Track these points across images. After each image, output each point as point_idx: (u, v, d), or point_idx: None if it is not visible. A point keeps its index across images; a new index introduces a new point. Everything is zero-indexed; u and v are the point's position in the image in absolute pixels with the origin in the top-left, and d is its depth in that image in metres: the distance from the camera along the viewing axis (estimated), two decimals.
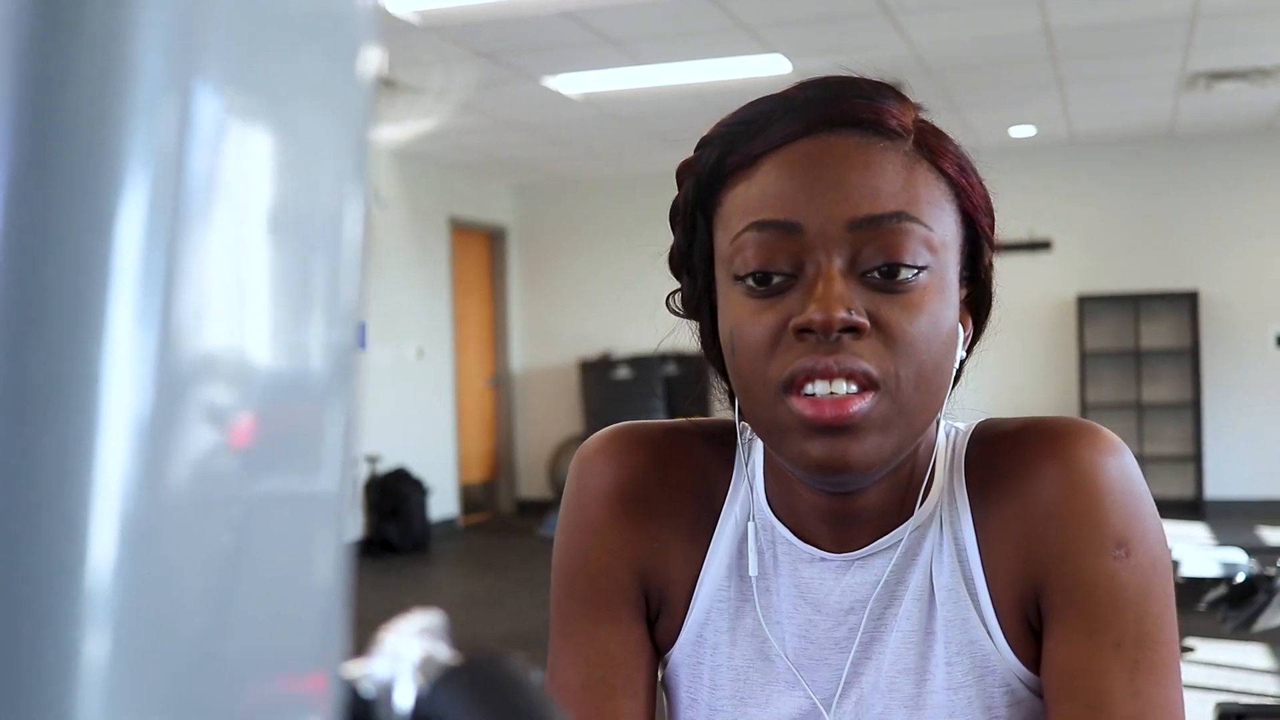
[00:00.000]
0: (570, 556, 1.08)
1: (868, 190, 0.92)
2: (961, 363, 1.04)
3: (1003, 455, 1.01)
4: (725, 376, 1.04)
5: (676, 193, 1.03)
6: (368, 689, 0.44)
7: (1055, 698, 0.95)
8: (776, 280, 0.93)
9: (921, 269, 0.92)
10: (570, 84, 8.22)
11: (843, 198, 0.92)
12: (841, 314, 0.89)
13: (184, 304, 0.31)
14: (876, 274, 0.92)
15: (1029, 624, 0.99)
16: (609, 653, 1.05)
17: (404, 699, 0.44)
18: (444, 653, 0.45)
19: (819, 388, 0.91)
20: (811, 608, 1.03)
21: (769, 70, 8.02)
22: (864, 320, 0.90)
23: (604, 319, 11.84)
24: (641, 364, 11.23)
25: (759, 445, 1.08)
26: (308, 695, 0.35)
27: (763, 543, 1.06)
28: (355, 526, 9.88)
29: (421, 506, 9.99)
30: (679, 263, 1.05)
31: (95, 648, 0.29)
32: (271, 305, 0.34)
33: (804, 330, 0.90)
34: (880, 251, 0.91)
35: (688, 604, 1.07)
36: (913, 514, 1.02)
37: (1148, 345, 10.95)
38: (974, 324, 1.05)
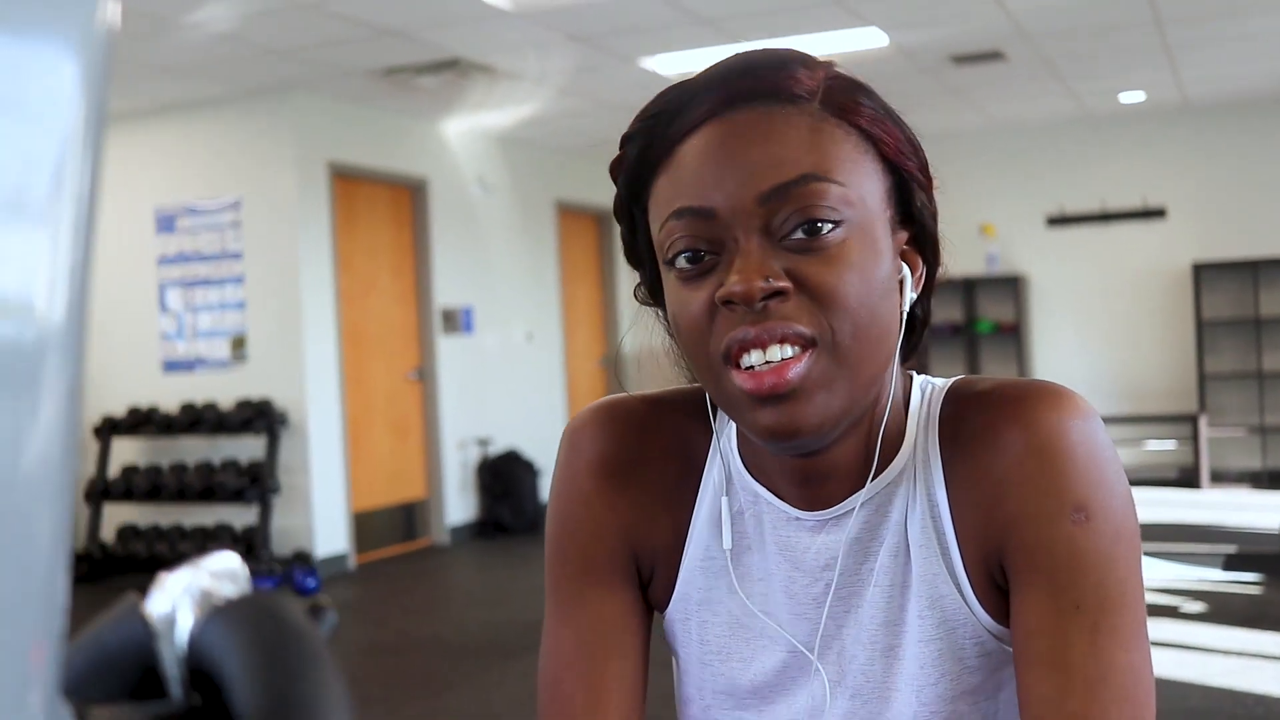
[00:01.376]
0: (561, 527, 1.13)
1: (772, 161, 0.94)
2: (916, 305, 1.05)
3: (972, 415, 1.02)
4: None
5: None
6: (151, 623, 0.48)
7: (1020, 658, 0.97)
8: (705, 259, 0.96)
9: (837, 224, 0.94)
10: (666, 64, 8.24)
11: (749, 175, 0.94)
12: (759, 282, 0.92)
13: None
14: (795, 237, 0.94)
15: (995, 581, 1.01)
16: (601, 617, 1.09)
17: (182, 633, 0.47)
18: (227, 591, 0.48)
19: (754, 358, 0.93)
20: (791, 565, 1.06)
21: (865, 44, 7.97)
22: (785, 283, 0.93)
23: None
24: None
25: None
26: (29, 667, 0.37)
27: (744, 503, 1.09)
28: (469, 508, 10.06)
29: (533, 488, 10.11)
30: (629, 254, 1.10)
31: None
32: None
33: (728, 303, 0.93)
34: (793, 215, 0.94)
35: (676, 566, 1.12)
36: (885, 468, 1.04)
37: (1267, 313, 10.68)
38: (927, 263, 1.05)
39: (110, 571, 8.69)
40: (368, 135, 9.23)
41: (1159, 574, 7.16)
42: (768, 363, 0.93)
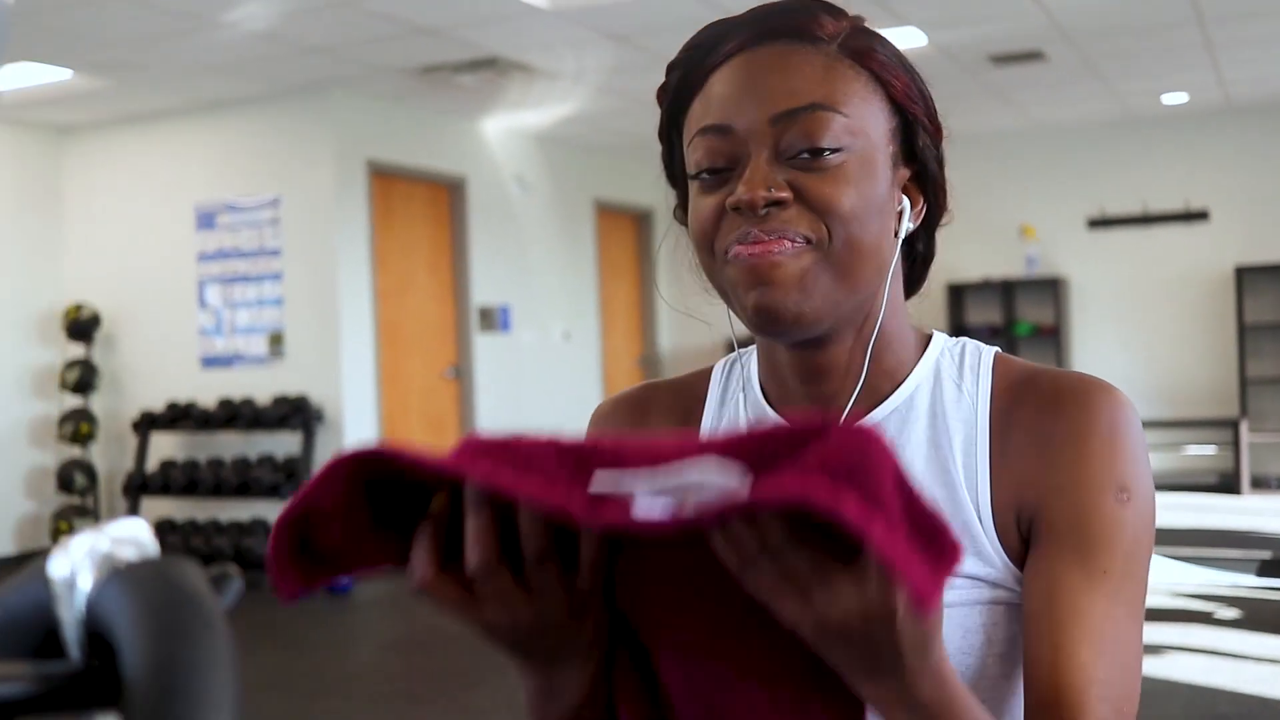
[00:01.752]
0: None
1: (786, 90, 1.05)
2: (920, 243, 1.18)
3: (1034, 390, 1.10)
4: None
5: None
6: (52, 584, 0.48)
7: (1034, 610, 1.02)
8: (722, 172, 1.07)
9: (838, 150, 1.05)
10: None
11: (764, 99, 1.06)
12: (763, 191, 1.03)
13: None
14: (801, 157, 1.05)
15: (1017, 532, 1.07)
16: None
17: (80, 596, 0.47)
18: (128, 555, 0.49)
19: (752, 250, 1.05)
20: None
21: (904, 43, 7.94)
22: (786, 194, 1.04)
23: None
24: None
25: (753, 357, 1.22)
26: None
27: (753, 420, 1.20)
28: None
29: None
30: (669, 175, 1.21)
31: None
32: None
33: (735, 208, 1.05)
34: (800, 138, 1.04)
35: None
36: (891, 394, 1.14)
37: None
38: (928, 201, 1.15)
39: None
40: (406, 133, 9.28)
41: (1192, 579, 7.10)
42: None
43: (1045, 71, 8.93)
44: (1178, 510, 9.80)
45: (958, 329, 11.40)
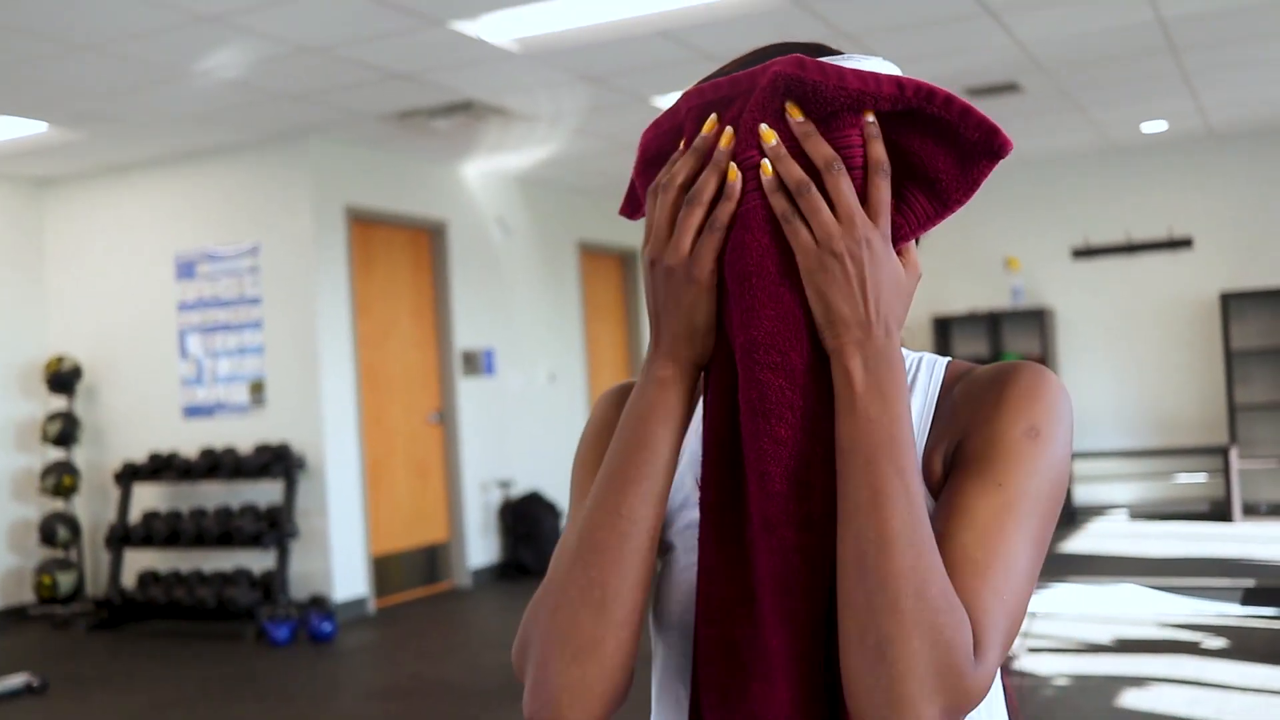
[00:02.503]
0: (582, 443, 1.31)
1: None
2: None
3: (972, 373, 1.18)
4: None
5: None
6: None
7: (938, 514, 1.07)
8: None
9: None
10: None
11: None
12: None
13: None
14: None
15: (939, 472, 1.13)
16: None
17: None
18: None
19: None
20: None
21: None
22: None
23: None
24: None
25: None
26: None
27: None
28: (491, 550, 10.03)
29: (555, 530, 10.06)
30: None
31: None
32: None
33: None
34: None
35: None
36: None
37: None
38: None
39: (129, 618, 8.70)
40: (385, 179, 9.27)
41: (1178, 609, 7.04)
42: None
43: (1022, 103, 8.93)
44: (1169, 539, 9.75)
45: None
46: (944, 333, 11.54)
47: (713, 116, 1.09)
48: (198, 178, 9.07)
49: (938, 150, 1.04)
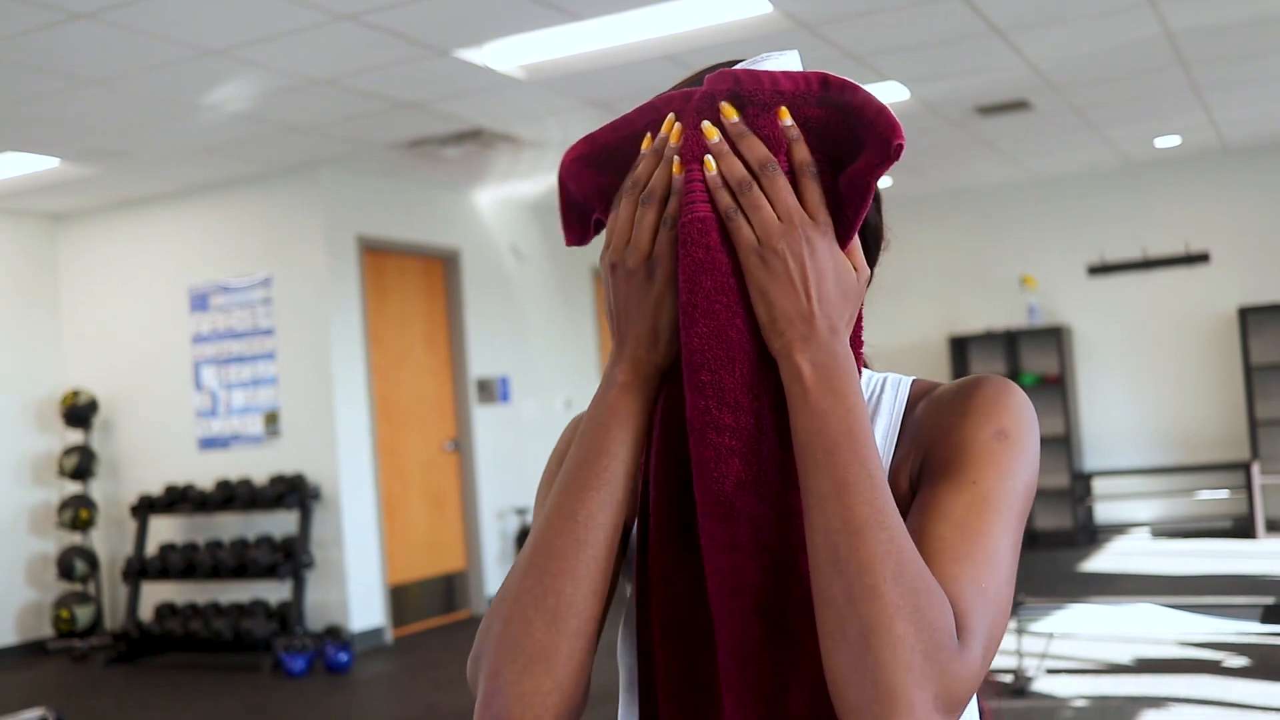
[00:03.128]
0: (549, 463, 1.29)
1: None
2: None
3: (937, 390, 1.19)
4: None
5: None
6: None
7: (913, 514, 1.06)
8: None
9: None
10: None
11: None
12: None
13: None
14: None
15: (909, 482, 1.13)
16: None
17: None
18: None
19: None
20: None
21: (887, 98, 7.93)
22: None
23: None
24: None
25: None
26: None
27: None
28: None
29: None
30: None
31: None
32: None
33: None
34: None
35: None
36: None
37: None
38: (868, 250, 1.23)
39: (147, 651, 8.69)
40: (396, 208, 9.29)
41: (1198, 628, 6.97)
42: None
43: (1033, 120, 8.90)
44: (1191, 557, 9.66)
45: None
46: (960, 352, 11.48)
47: (670, 116, 1.09)
48: (210, 210, 9.10)
49: (851, 142, 1.04)
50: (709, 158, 1.05)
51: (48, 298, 9.74)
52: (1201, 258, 10.86)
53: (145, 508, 8.97)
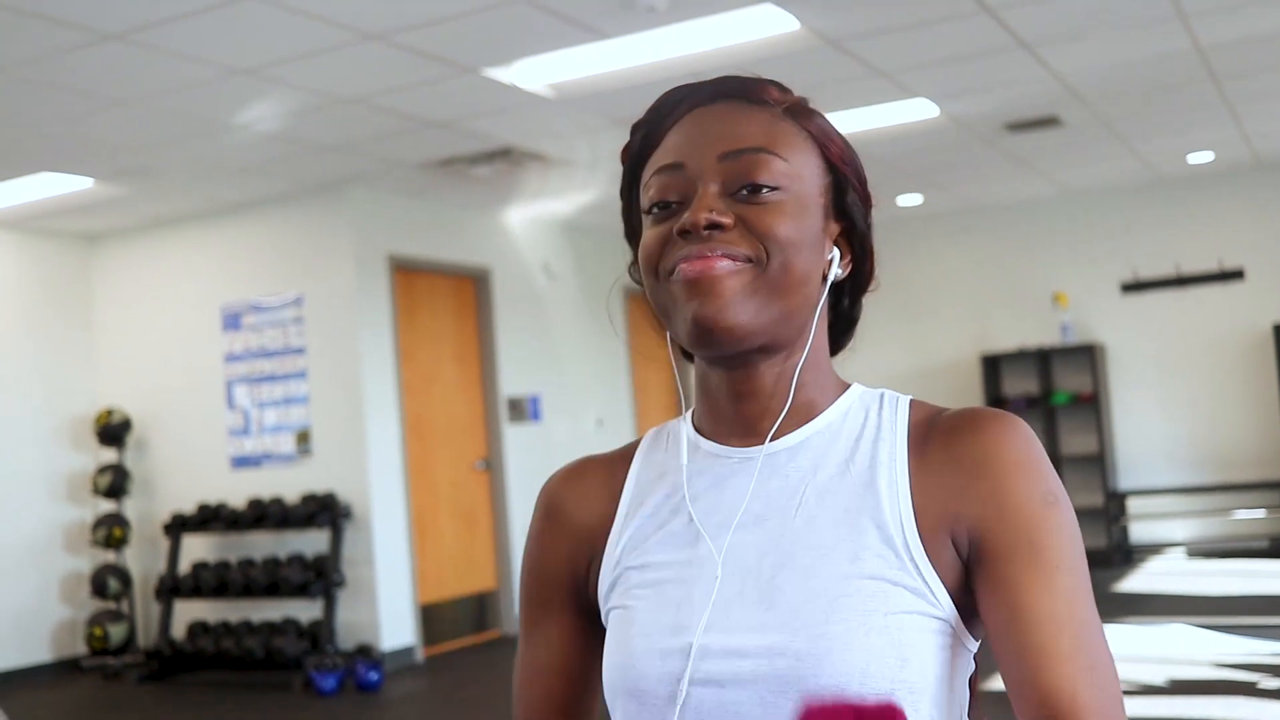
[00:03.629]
0: (522, 566, 1.36)
1: (733, 134, 1.20)
2: (848, 302, 1.31)
3: (945, 420, 1.20)
4: (666, 337, 1.31)
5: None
6: None
7: (1001, 622, 1.10)
8: (672, 206, 1.20)
9: (777, 188, 1.18)
10: None
11: (714, 139, 1.20)
12: (705, 214, 1.15)
13: None
14: (744, 191, 1.18)
15: (958, 559, 1.14)
16: (550, 638, 1.32)
17: None
18: None
19: (695, 265, 1.16)
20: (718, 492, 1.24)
21: (916, 115, 7.91)
22: (728, 219, 1.16)
23: None
24: None
25: (688, 413, 1.34)
26: None
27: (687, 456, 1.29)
28: None
29: None
30: (627, 234, 1.33)
31: None
32: None
33: (683, 232, 1.16)
34: (744, 174, 1.18)
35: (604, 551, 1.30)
36: (807, 421, 1.23)
37: None
38: (855, 259, 1.27)
39: (179, 669, 8.72)
40: (427, 227, 9.32)
41: (1234, 649, 6.90)
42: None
43: (1064, 136, 8.86)
44: (1228, 577, 9.57)
45: (995, 400, 11.26)
46: (993, 371, 11.42)
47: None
48: (241, 230, 9.16)
49: None
50: None
51: (81, 317, 9.81)
52: (1236, 274, 10.78)
53: (178, 526, 9.01)
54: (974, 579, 1.13)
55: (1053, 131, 8.67)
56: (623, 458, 1.36)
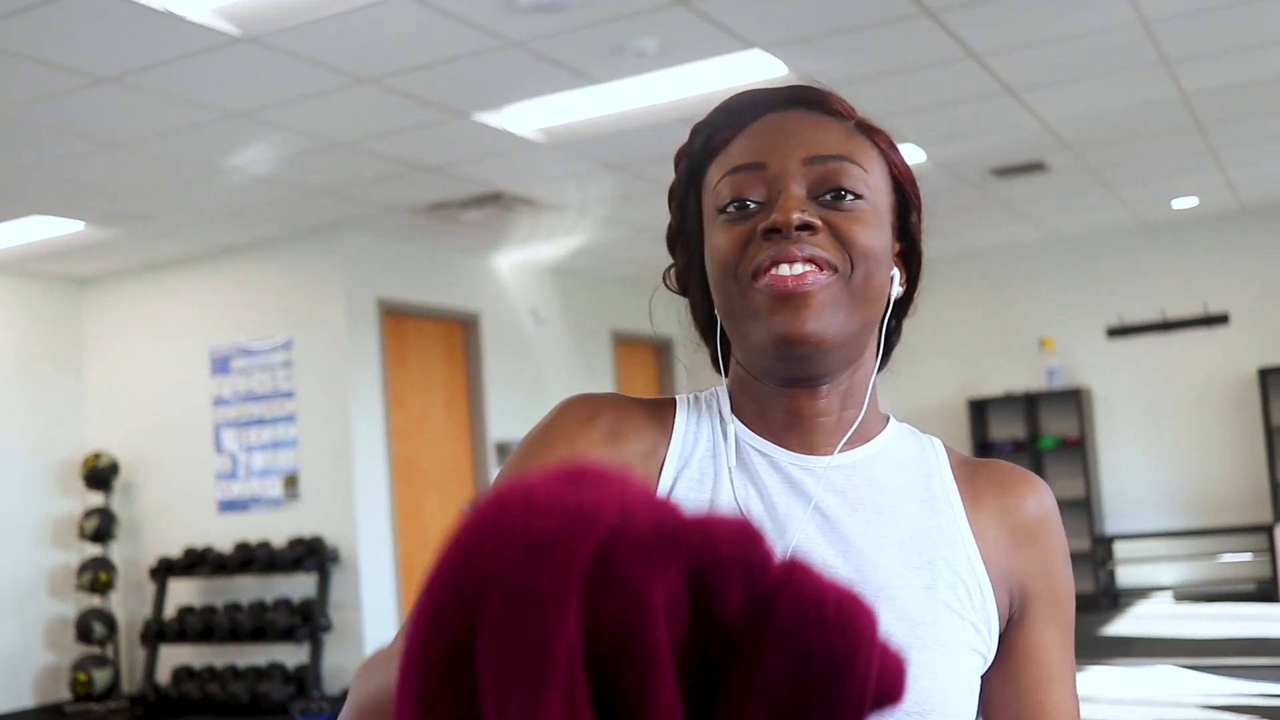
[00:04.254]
0: (527, 448, 1.21)
1: (818, 140, 1.18)
2: (900, 303, 1.27)
3: (990, 471, 1.25)
4: (712, 348, 1.28)
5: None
6: None
7: (1015, 667, 1.19)
8: (750, 206, 1.17)
9: (860, 196, 1.16)
10: None
11: (799, 143, 1.18)
12: (798, 214, 1.13)
13: None
14: (827, 197, 1.16)
15: (1009, 604, 1.21)
16: None
17: None
18: None
19: (783, 269, 1.13)
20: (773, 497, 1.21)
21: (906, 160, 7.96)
22: (818, 220, 1.14)
23: None
24: None
25: (721, 395, 1.27)
26: None
27: (737, 454, 1.23)
28: None
29: None
30: (673, 239, 1.30)
31: None
32: None
33: (770, 231, 1.13)
34: (828, 180, 1.16)
35: None
36: (863, 442, 1.22)
37: None
38: (909, 279, 1.28)
39: (164, 714, 8.66)
40: (417, 271, 9.35)
41: (1220, 690, 6.90)
42: (793, 272, 1.14)
43: (1050, 181, 8.93)
44: (1214, 620, 9.57)
45: (981, 445, 11.29)
46: (980, 415, 11.45)
47: None
48: (231, 273, 9.17)
49: None
50: None
51: (71, 360, 9.80)
52: (1221, 319, 10.85)
53: (164, 570, 8.97)
54: (1009, 624, 1.21)
55: (1039, 177, 8.75)
56: (658, 419, 1.24)
